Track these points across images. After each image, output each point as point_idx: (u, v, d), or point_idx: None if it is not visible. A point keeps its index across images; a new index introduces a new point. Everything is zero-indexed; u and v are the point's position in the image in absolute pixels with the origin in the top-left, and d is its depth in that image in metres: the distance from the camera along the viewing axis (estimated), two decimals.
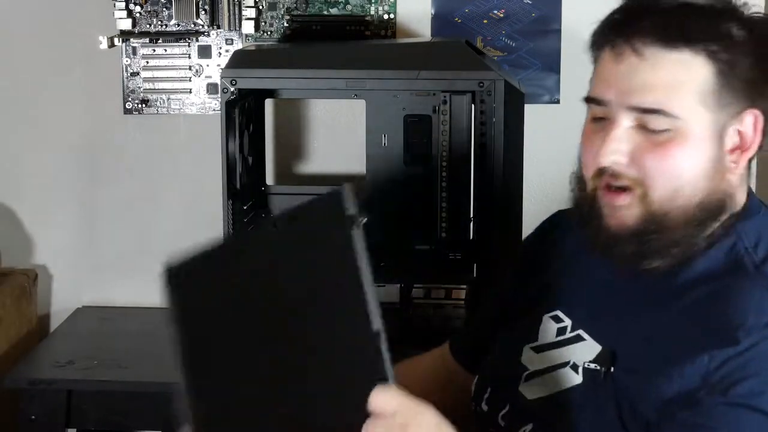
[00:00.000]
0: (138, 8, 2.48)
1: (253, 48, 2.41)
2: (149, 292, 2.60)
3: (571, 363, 1.32)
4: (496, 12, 2.48)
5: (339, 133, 2.54)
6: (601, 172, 1.28)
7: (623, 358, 1.27)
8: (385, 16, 2.48)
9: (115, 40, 2.44)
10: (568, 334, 1.35)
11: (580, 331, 1.34)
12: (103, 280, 2.61)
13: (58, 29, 2.52)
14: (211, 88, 2.51)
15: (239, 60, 2.19)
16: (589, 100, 1.31)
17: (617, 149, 1.25)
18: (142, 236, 2.59)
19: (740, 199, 1.31)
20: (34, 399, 2.16)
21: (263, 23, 2.49)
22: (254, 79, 2.16)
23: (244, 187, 2.22)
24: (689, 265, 1.28)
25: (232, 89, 2.12)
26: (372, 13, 2.48)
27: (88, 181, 2.58)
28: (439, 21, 2.48)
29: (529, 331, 1.40)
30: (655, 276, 1.29)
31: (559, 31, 2.48)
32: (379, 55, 2.29)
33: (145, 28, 2.49)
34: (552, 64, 2.49)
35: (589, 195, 1.32)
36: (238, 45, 2.48)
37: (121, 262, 2.60)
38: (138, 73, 2.52)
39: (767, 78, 1.26)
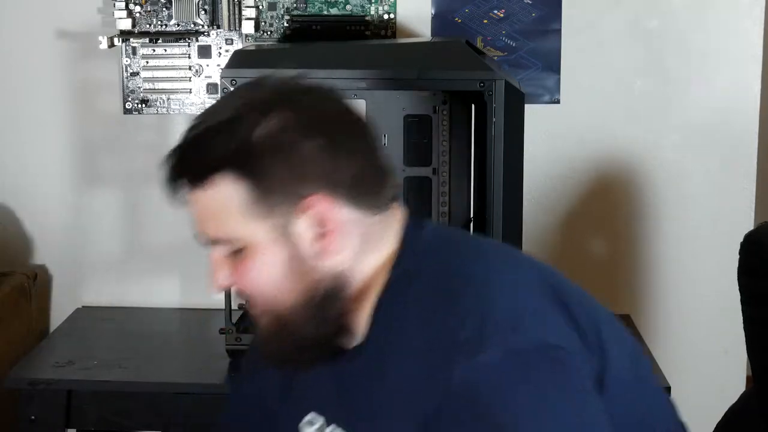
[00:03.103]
0: (138, 8, 2.48)
1: (253, 48, 2.41)
2: (149, 292, 2.60)
3: None
4: (496, 12, 2.48)
5: None
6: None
7: None
8: (385, 16, 2.48)
9: (115, 40, 2.44)
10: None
11: (333, 427, 1.34)
12: (103, 280, 2.61)
13: (58, 29, 2.52)
14: (211, 88, 2.51)
15: (239, 60, 2.19)
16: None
17: (218, 276, 1.29)
18: (141, 236, 2.59)
19: (386, 249, 1.29)
20: (34, 399, 2.16)
21: (263, 23, 2.49)
22: None
23: None
24: (375, 329, 1.28)
25: (232, 89, 2.12)
26: (372, 13, 2.48)
27: (88, 182, 2.58)
28: (439, 21, 2.48)
29: None
30: (358, 354, 1.29)
31: (559, 31, 2.48)
32: (379, 55, 2.29)
33: (145, 28, 2.49)
34: (552, 64, 2.49)
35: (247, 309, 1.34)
36: (238, 45, 2.48)
37: (121, 262, 2.60)
38: (138, 73, 2.52)
39: (322, 155, 1.24)
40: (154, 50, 2.51)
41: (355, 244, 1.27)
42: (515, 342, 1.16)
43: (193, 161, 1.25)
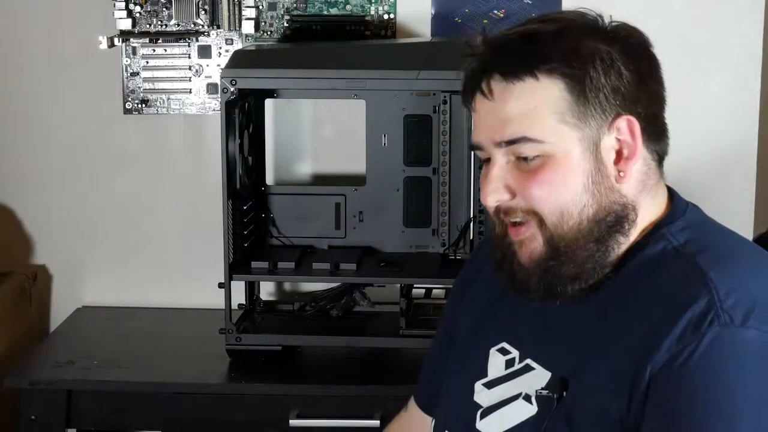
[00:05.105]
0: (138, 8, 2.48)
1: (253, 48, 2.41)
2: (149, 292, 2.60)
3: (524, 394, 1.32)
4: (496, 12, 2.48)
5: (339, 133, 2.54)
6: (497, 211, 1.30)
7: (573, 381, 1.27)
8: (385, 16, 2.48)
9: (115, 40, 2.44)
10: (517, 365, 1.35)
11: (529, 361, 1.34)
12: (103, 280, 2.61)
13: (58, 29, 2.52)
14: (211, 88, 2.51)
15: (239, 60, 2.19)
16: (472, 147, 1.34)
17: (497, 187, 1.28)
18: (141, 236, 2.59)
19: (656, 204, 1.32)
20: (34, 399, 2.16)
21: (263, 23, 2.49)
22: (254, 79, 2.16)
23: (244, 187, 2.22)
24: (619, 278, 1.28)
25: (232, 89, 2.12)
26: (372, 13, 2.48)
27: (88, 181, 2.58)
28: (439, 21, 2.48)
29: (477, 366, 1.40)
30: (588, 296, 1.29)
31: None
32: (379, 55, 2.29)
33: (145, 28, 2.49)
34: None
35: (499, 234, 1.32)
36: (238, 45, 2.48)
37: (121, 262, 2.60)
38: (138, 73, 2.52)
39: (635, 83, 1.28)
40: (154, 50, 2.51)
41: (638, 179, 1.29)
42: None
43: (519, 55, 1.26)
